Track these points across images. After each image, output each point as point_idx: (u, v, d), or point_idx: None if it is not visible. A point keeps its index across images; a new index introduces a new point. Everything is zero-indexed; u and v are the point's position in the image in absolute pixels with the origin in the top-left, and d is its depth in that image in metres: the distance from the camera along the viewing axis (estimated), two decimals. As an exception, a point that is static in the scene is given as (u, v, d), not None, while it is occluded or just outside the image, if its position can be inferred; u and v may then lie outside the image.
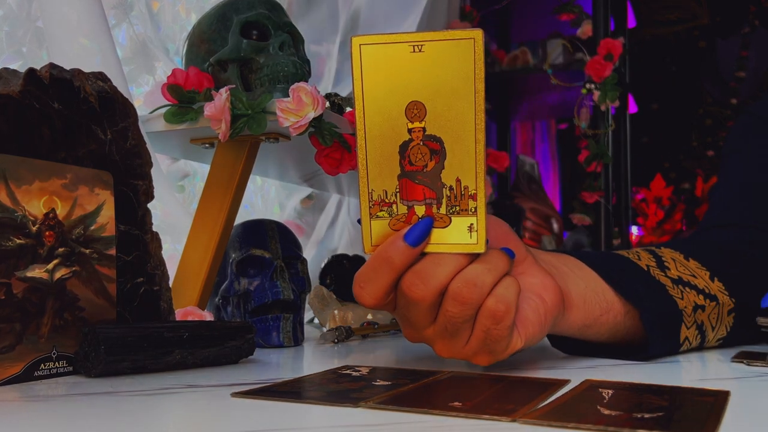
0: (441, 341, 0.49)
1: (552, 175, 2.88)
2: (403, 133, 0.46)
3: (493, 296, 0.46)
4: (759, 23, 3.25)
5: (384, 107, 0.45)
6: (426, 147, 0.46)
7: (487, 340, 0.47)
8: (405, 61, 0.44)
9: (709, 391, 0.44)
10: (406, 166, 0.46)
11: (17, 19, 0.86)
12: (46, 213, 0.53)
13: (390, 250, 0.46)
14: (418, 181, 0.46)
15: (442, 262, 0.46)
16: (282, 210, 1.38)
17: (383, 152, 0.46)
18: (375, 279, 0.47)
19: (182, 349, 0.56)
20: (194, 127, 0.78)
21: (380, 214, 0.47)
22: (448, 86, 0.45)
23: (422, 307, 0.47)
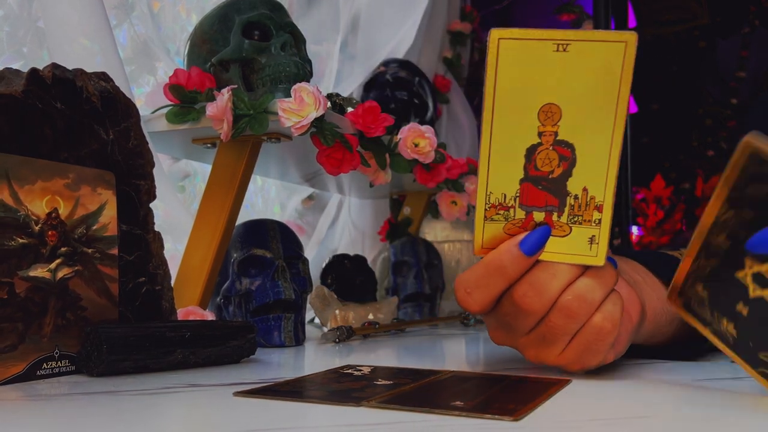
0: (535, 349, 0.48)
1: (552, 175, 2.88)
2: (532, 135, 0.43)
3: (601, 312, 0.45)
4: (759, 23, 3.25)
5: (516, 106, 0.42)
6: (555, 152, 0.43)
7: (585, 352, 0.47)
8: (546, 59, 0.41)
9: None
10: (531, 170, 0.44)
11: (18, 19, 0.86)
12: (48, 213, 0.53)
13: (504, 257, 0.45)
14: (542, 187, 0.44)
15: (557, 273, 0.45)
16: (283, 210, 1.38)
17: (508, 154, 0.43)
18: (485, 286, 0.46)
19: (184, 348, 0.56)
20: (196, 127, 0.78)
21: (495, 217, 0.45)
22: (589, 90, 0.42)
23: (532, 318, 0.46)
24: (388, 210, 1.42)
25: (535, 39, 0.40)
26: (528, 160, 0.43)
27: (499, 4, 1.93)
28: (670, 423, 0.37)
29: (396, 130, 0.96)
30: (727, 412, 0.39)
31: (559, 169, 0.43)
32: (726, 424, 0.37)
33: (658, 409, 0.40)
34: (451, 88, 1.77)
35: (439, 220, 1.32)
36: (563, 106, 0.42)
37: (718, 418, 0.38)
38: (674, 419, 0.37)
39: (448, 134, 1.75)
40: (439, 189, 1.18)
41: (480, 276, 0.46)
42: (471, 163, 1.23)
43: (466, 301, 0.47)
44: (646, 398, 0.43)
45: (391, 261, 1.15)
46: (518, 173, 0.44)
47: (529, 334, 0.48)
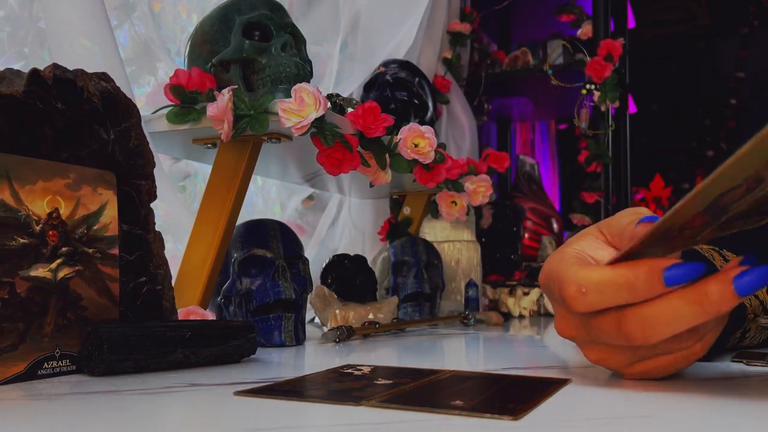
0: (603, 353, 0.46)
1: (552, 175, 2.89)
2: (736, 182, 0.36)
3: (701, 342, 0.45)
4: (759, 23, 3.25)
5: (742, 173, 0.36)
6: (744, 188, 0.37)
7: (655, 372, 0.46)
8: None
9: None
10: (711, 205, 0.38)
11: (19, 20, 0.86)
12: (49, 213, 0.53)
13: (642, 277, 0.41)
14: (707, 213, 0.39)
15: (672, 322, 0.41)
16: (283, 210, 1.38)
17: (705, 196, 0.37)
18: (605, 293, 0.42)
19: (185, 348, 0.56)
20: (196, 127, 0.78)
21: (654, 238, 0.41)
22: None
23: (621, 344, 0.43)
24: (388, 210, 1.42)
25: None
26: (716, 199, 0.38)
27: (498, 5, 1.93)
28: (670, 423, 0.37)
29: (396, 131, 0.96)
30: (728, 412, 0.39)
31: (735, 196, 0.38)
32: (726, 424, 0.37)
33: (657, 409, 0.40)
34: (451, 89, 1.78)
35: (439, 220, 1.32)
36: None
37: (718, 418, 0.38)
38: (674, 419, 0.38)
39: (448, 134, 1.75)
40: (439, 189, 1.18)
41: (607, 283, 0.42)
42: (471, 163, 1.23)
43: (576, 300, 0.42)
44: (646, 398, 0.43)
45: (391, 261, 1.15)
46: (698, 210, 0.39)
47: (609, 345, 0.45)
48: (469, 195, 1.19)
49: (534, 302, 1.39)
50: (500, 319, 1.14)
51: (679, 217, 0.39)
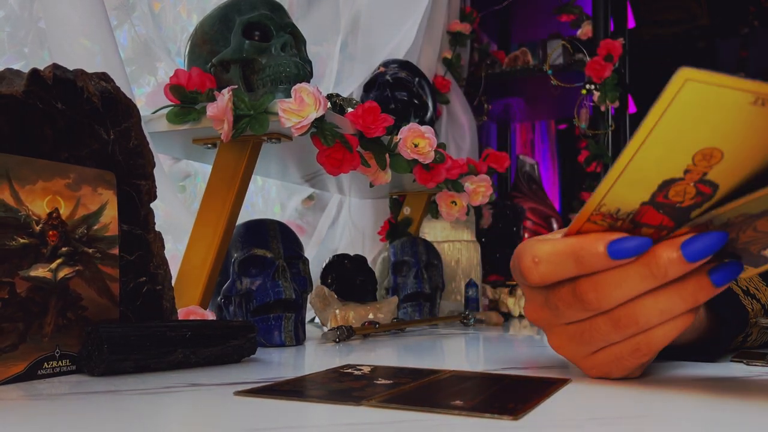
0: (565, 341, 0.47)
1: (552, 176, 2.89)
2: (676, 171, 0.39)
3: (645, 335, 0.44)
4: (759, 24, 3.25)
5: (673, 144, 0.38)
6: (694, 188, 0.39)
7: (613, 365, 0.46)
8: (736, 109, 0.36)
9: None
10: (659, 197, 0.40)
11: (19, 20, 0.86)
12: (49, 213, 0.53)
13: (588, 248, 0.42)
14: (663, 212, 0.41)
15: (623, 283, 0.42)
16: (283, 210, 1.38)
17: (641, 180, 0.40)
18: (555, 264, 0.43)
19: (185, 348, 0.56)
20: (196, 127, 0.78)
21: (600, 222, 0.43)
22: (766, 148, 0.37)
23: (582, 314, 0.44)
24: (388, 210, 1.42)
25: (730, 87, 0.35)
26: (660, 189, 0.40)
27: (498, 5, 1.93)
28: (669, 423, 0.37)
29: (396, 131, 0.96)
30: (728, 412, 0.39)
31: (690, 201, 0.40)
32: (727, 424, 0.37)
33: (657, 409, 0.40)
34: (451, 89, 1.78)
35: (439, 220, 1.33)
36: (728, 154, 0.38)
37: (718, 418, 0.38)
38: (674, 419, 0.38)
39: (447, 134, 1.75)
40: (439, 189, 1.18)
41: (555, 253, 0.43)
42: (471, 164, 1.23)
43: (530, 270, 0.44)
44: (646, 397, 0.43)
45: (391, 261, 1.15)
46: (643, 198, 0.41)
47: (570, 325, 0.46)
48: (469, 195, 1.19)
49: (534, 302, 1.39)
50: (500, 319, 1.14)
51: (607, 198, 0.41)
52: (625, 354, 0.45)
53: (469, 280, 1.29)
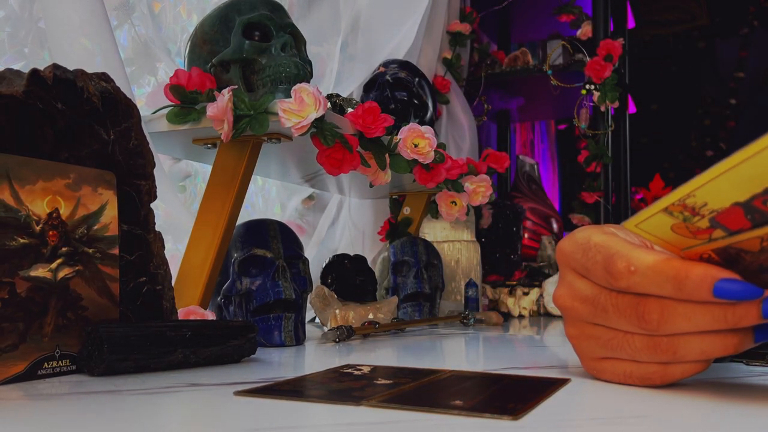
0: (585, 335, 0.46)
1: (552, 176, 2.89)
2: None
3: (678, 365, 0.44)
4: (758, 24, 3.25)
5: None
6: None
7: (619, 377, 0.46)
8: None
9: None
10: (756, 202, 0.38)
11: (19, 20, 0.86)
12: (49, 213, 0.53)
13: (694, 278, 0.40)
14: (750, 218, 0.39)
15: (693, 317, 0.41)
16: (283, 210, 1.38)
17: (748, 181, 0.37)
18: (652, 280, 0.42)
19: (185, 348, 0.56)
20: (196, 127, 0.78)
21: (676, 213, 0.41)
22: None
23: (628, 327, 0.44)
24: (388, 210, 1.42)
25: None
26: (764, 193, 0.37)
27: (498, 5, 1.93)
28: (669, 423, 0.37)
29: (396, 131, 0.96)
30: (728, 412, 0.39)
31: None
32: (727, 424, 0.37)
33: (657, 409, 0.40)
34: (451, 89, 1.78)
35: (439, 220, 1.33)
36: None
37: (718, 419, 0.38)
38: (674, 419, 0.38)
39: (447, 134, 1.75)
40: (439, 189, 1.18)
41: (656, 270, 0.41)
42: (470, 164, 1.23)
43: (623, 274, 0.42)
44: (646, 397, 0.43)
45: (391, 261, 1.15)
46: (739, 198, 0.38)
47: (601, 327, 0.45)
48: (469, 195, 1.19)
49: (534, 302, 1.39)
50: (500, 319, 1.14)
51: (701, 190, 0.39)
52: (636, 376, 0.45)
53: (469, 280, 1.29)
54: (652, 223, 0.42)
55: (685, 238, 0.42)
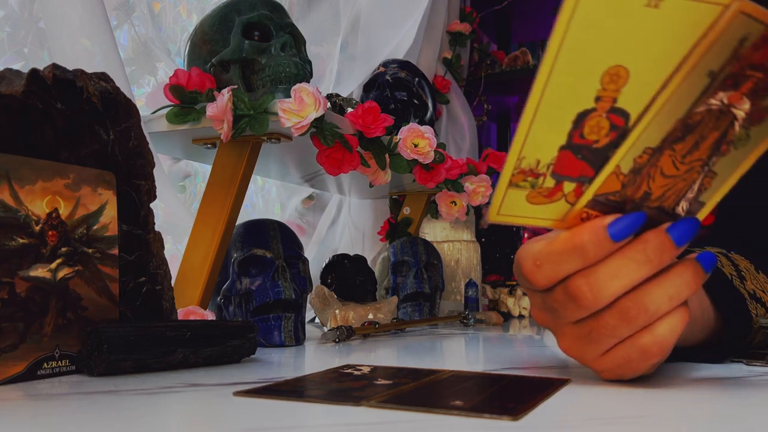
0: (574, 341, 0.45)
1: (552, 176, 2.89)
2: (588, 100, 0.37)
3: (652, 335, 0.42)
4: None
5: (580, 66, 0.36)
6: (607, 120, 0.38)
7: (624, 366, 0.44)
8: (631, 14, 0.35)
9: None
10: (575, 137, 0.39)
11: (19, 20, 0.86)
12: (49, 213, 0.53)
13: (587, 237, 0.41)
14: (581, 157, 0.39)
15: (619, 274, 0.41)
16: (283, 210, 1.38)
17: (556, 118, 0.38)
18: (558, 262, 0.42)
19: (184, 348, 0.56)
20: (196, 127, 0.78)
21: (522, 183, 0.41)
22: (666, 56, 0.36)
23: (581, 312, 0.43)
24: (388, 210, 1.42)
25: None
26: (575, 126, 0.38)
27: (498, 5, 1.93)
28: (669, 423, 0.37)
29: (396, 131, 0.96)
30: (728, 412, 0.39)
31: (606, 139, 0.39)
32: (726, 424, 0.37)
33: (657, 409, 0.40)
34: (451, 89, 1.78)
35: (439, 220, 1.33)
36: (632, 70, 0.36)
37: (719, 419, 0.38)
38: (674, 419, 0.38)
39: (447, 134, 1.75)
40: (439, 189, 1.18)
41: (556, 252, 0.42)
42: (470, 164, 1.23)
43: (534, 274, 0.43)
44: (646, 398, 0.43)
45: (391, 261, 1.15)
46: (560, 139, 0.39)
47: (576, 325, 0.45)
48: (469, 195, 1.19)
49: (534, 302, 1.39)
50: (500, 319, 1.14)
51: (526, 148, 0.39)
52: (635, 357, 0.44)
53: (468, 280, 1.29)
54: (509, 204, 0.42)
55: (545, 206, 0.42)
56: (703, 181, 0.41)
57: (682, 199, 0.41)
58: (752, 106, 0.38)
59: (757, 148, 0.40)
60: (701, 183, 0.41)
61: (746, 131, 0.39)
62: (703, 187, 0.41)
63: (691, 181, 0.41)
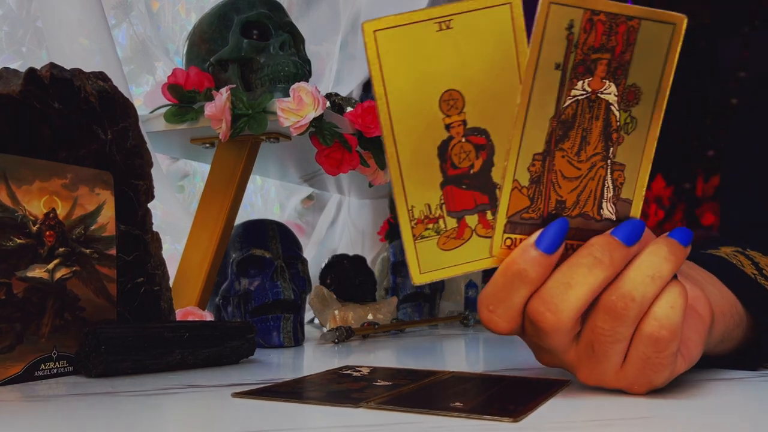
0: (587, 366, 0.42)
1: (552, 175, 2.89)
2: (440, 130, 0.38)
3: (653, 319, 0.39)
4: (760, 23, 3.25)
5: (413, 104, 0.37)
6: (469, 143, 0.38)
7: (646, 367, 0.40)
8: (431, 43, 0.36)
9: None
10: (449, 170, 0.39)
11: (17, 19, 0.86)
12: (46, 213, 0.53)
13: (520, 261, 0.39)
14: (466, 186, 0.39)
15: (572, 282, 0.39)
16: (282, 210, 1.38)
17: (419, 159, 0.38)
18: (507, 298, 0.40)
19: (183, 349, 0.56)
20: (195, 126, 0.78)
21: (425, 233, 0.40)
22: (488, 65, 0.37)
23: (556, 337, 0.40)
24: (388, 210, 1.42)
25: (413, 22, 0.36)
26: (443, 159, 0.38)
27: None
28: (670, 424, 0.36)
29: (395, 130, 0.95)
30: (729, 414, 0.39)
31: (478, 161, 0.39)
32: (727, 425, 0.36)
33: (658, 410, 0.39)
34: (451, 88, 1.77)
35: (439, 220, 1.32)
36: (463, 90, 0.37)
37: (719, 420, 0.38)
38: (675, 420, 0.37)
39: (447, 134, 1.75)
40: (439, 189, 1.17)
41: (499, 288, 0.40)
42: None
43: (491, 320, 0.41)
44: (646, 399, 0.42)
45: (391, 261, 1.14)
46: (436, 177, 0.39)
47: (575, 348, 0.42)
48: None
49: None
50: (500, 320, 1.13)
51: (410, 197, 0.39)
52: (650, 352, 0.40)
53: (469, 280, 1.29)
54: (427, 260, 0.41)
55: (462, 247, 0.41)
56: (614, 177, 0.40)
57: (603, 201, 0.40)
58: (620, 88, 0.38)
59: (650, 127, 0.39)
60: (613, 179, 0.40)
61: (628, 114, 0.39)
62: (618, 182, 0.40)
63: (600, 179, 0.40)
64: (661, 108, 0.39)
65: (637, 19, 0.37)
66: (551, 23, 0.36)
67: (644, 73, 0.38)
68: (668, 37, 0.37)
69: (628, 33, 0.37)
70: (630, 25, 0.36)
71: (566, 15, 0.36)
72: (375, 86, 0.37)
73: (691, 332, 0.42)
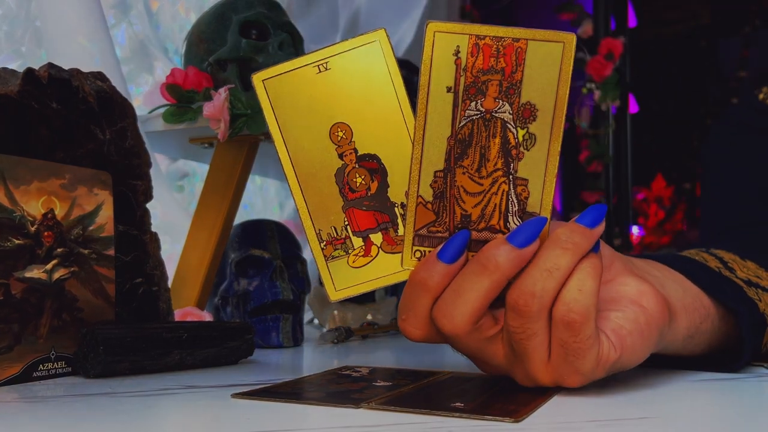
0: (517, 367, 0.42)
1: (552, 175, 2.88)
2: (334, 160, 0.42)
3: (562, 304, 0.39)
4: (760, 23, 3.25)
5: (306, 140, 0.42)
6: (363, 168, 0.42)
7: (569, 356, 0.40)
8: (313, 84, 0.41)
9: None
10: (348, 194, 0.42)
11: (16, 19, 0.86)
12: (44, 213, 0.53)
13: (422, 271, 0.41)
14: (366, 207, 0.42)
15: (460, 289, 0.40)
16: (281, 210, 1.38)
17: (320, 188, 0.42)
18: (413, 306, 0.42)
19: (181, 349, 0.56)
20: (193, 126, 0.78)
21: (335, 254, 0.43)
22: (368, 98, 0.42)
23: (460, 341, 0.42)
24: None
25: (295, 69, 0.41)
26: (341, 185, 0.42)
27: (498, 4, 1.93)
28: (671, 424, 0.36)
29: (395, 130, 0.95)
30: (729, 414, 0.39)
31: (374, 184, 0.42)
32: (727, 425, 0.36)
33: (659, 411, 0.39)
34: (451, 88, 1.77)
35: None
36: (350, 122, 0.42)
37: (719, 420, 0.38)
38: (676, 421, 0.37)
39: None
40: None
41: (407, 297, 0.42)
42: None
43: (404, 327, 0.43)
44: (647, 399, 0.42)
45: (391, 261, 1.14)
46: (337, 202, 0.42)
47: (504, 351, 0.42)
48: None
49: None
50: (500, 320, 1.13)
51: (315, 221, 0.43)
52: (569, 339, 0.40)
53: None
54: (341, 278, 0.43)
55: (372, 264, 0.43)
56: (517, 191, 0.41)
57: (509, 215, 0.42)
58: (514, 106, 0.40)
59: (551, 142, 0.41)
60: (517, 193, 0.41)
61: (526, 130, 0.41)
62: (522, 197, 0.42)
63: (503, 194, 0.41)
64: (559, 123, 0.41)
65: (524, 40, 0.39)
66: (438, 50, 0.40)
67: (538, 91, 0.40)
68: (558, 55, 0.39)
69: (517, 54, 0.39)
70: (517, 47, 0.39)
71: (452, 41, 0.40)
72: (270, 129, 0.42)
73: (625, 321, 0.42)
